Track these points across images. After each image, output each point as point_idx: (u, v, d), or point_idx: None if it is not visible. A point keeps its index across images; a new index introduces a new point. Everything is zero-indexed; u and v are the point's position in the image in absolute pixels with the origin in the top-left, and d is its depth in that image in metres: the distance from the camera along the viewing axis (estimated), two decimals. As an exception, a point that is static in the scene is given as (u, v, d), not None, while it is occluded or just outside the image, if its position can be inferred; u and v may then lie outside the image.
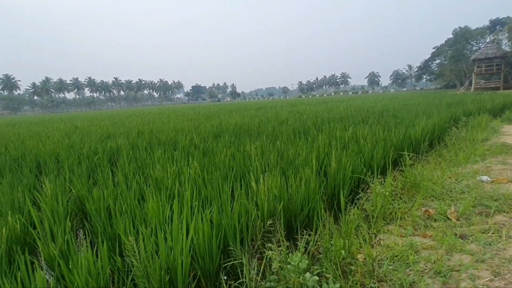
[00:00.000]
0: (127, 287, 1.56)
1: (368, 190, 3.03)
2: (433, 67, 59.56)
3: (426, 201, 2.97)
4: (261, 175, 2.90)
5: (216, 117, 12.48)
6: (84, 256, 1.46)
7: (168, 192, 2.65)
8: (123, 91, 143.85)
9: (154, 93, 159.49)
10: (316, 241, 2.11)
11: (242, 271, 1.73)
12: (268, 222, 2.07)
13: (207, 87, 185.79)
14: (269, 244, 1.74)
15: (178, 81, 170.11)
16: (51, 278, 1.93)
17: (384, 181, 3.00)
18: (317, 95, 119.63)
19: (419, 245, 2.16)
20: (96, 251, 1.71)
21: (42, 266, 1.93)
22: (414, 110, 9.65)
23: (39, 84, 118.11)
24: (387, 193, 2.66)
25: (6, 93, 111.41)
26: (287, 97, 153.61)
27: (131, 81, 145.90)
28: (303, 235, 2.14)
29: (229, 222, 1.88)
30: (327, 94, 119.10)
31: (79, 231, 2.91)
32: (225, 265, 1.83)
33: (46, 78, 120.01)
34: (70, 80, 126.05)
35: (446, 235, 2.28)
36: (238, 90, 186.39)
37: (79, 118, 23.29)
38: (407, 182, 3.26)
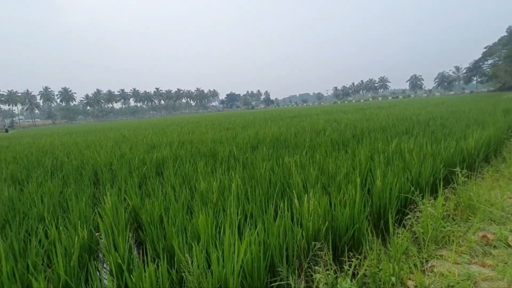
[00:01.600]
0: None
1: (416, 209, 2.88)
2: (484, 68, 54.57)
3: (484, 225, 2.74)
4: (303, 192, 2.92)
5: (252, 127, 12.70)
6: (149, 270, 1.61)
7: (214, 206, 2.78)
8: (163, 100, 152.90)
9: (191, 102, 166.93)
10: (362, 264, 2.07)
11: (288, 291, 1.76)
12: (313, 243, 2.09)
13: (241, 95, 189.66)
14: (316, 267, 1.76)
15: (214, 89, 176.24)
16: (114, 282, 2.13)
17: (435, 201, 2.84)
18: (353, 101, 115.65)
19: (477, 276, 2.01)
20: (155, 263, 1.87)
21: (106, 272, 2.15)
22: (464, 118, 8.91)
23: (91, 96, 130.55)
24: (438, 215, 2.51)
25: (63, 104, 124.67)
26: (322, 103, 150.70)
27: (171, 90, 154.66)
28: (348, 257, 2.12)
29: (275, 242, 1.94)
30: (364, 100, 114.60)
31: (133, 239, 3.17)
32: (272, 284, 1.88)
33: (97, 90, 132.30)
34: (118, 92, 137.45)
35: (508, 266, 2.10)
36: (272, 97, 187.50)
37: (126, 127, 25.21)
38: (460, 203, 3.04)
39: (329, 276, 1.68)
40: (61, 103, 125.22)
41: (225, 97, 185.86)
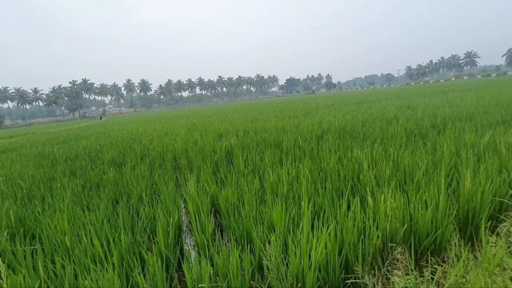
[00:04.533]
0: (265, 286, 1.86)
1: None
2: None
3: None
4: (377, 189, 2.83)
5: (315, 114, 12.43)
6: (235, 254, 1.83)
7: (285, 198, 2.92)
8: (225, 87, 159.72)
9: (252, 88, 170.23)
10: (447, 271, 1.95)
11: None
12: (390, 244, 2.04)
13: (301, 79, 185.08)
14: (395, 270, 1.74)
15: (274, 75, 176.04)
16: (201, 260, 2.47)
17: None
18: (431, 81, 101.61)
19: None
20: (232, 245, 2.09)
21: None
22: None
23: (163, 86, 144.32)
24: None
25: (142, 94, 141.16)
26: (392, 85, 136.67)
27: (232, 78, 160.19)
28: (429, 262, 2.01)
29: (350, 240, 1.96)
30: (444, 80, 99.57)
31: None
32: (346, 282, 1.93)
33: (169, 80, 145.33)
34: (185, 81, 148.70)
35: None
36: (334, 80, 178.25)
37: (194, 115, 27.34)
38: None
39: (409, 281, 1.65)
40: (140, 93, 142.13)
41: (285, 82, 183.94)
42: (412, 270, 1.70)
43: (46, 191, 4.36)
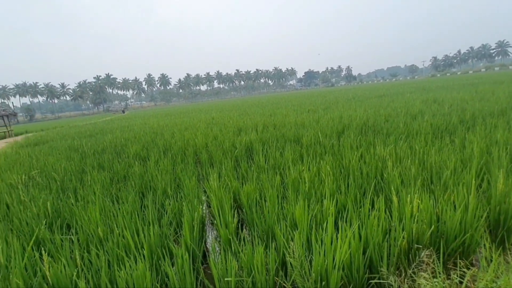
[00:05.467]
0: (288, 284, 1.91)
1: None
2: None
3: None
4: (401, 188, 2.77)
5: (335, 108, 12.20)
6: (260, 250, 1.88)
7: (307, 196, 2.92)
8: (243, 81, 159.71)
9: (269, 81, 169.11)
10: (475, 275, 1.90)
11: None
12: (415, 246, 2.01)
13: (320, 72, 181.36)
14: (422, 273, 1.72)
15: (292, 68, 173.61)
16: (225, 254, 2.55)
17: None
18: (458, 73, 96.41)
19: None
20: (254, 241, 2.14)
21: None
22: None
23: (182, 80, 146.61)
24: None
25: (162, 88, 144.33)
26: (416, 77, 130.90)
27: (250, 71, 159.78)
28: (457, 266, 1.97)
29: (375, 241, 1.95)
30: (473, 71, 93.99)
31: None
32: (370, 281, 1.93)
33: (187, 74, 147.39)
34: (204, 75, 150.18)
35: None
36: (354, 73, 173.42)
37: (212, 108, 27.65)
38: None
39: (436, 284, 1.62)
40: (160, 87, 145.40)
41: (303, 75, 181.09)
42: (440, 273, 1.67)
43: (77, 183, 4.62)
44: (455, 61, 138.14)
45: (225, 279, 1.85)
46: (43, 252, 2.06)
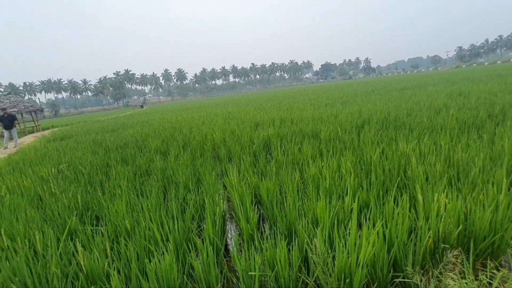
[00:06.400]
0: (311, 280, 1.93)
1: None
2: None
3: None
4: (426, 186, 2.70)
5: (353, 102, 11.94)
6: (283, 246, 1.91)
7: (327, 192, 2.91)
8: (258, 74, 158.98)
9: (285, 75, 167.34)
10: (505, 277, 1.84)
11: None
12: (442, 245, 1.97)
13: (337, 64, 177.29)
14: (449, 273, 1.68)
15: (308, 60, 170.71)
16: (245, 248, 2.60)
17: None
18: (485, 63, 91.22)
19: None
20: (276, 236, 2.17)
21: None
22: None
23: (198, 74, 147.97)
24: None
25: (178, 83, 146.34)
26: (439, 68, 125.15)
27: (265, 65, 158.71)
28: (487, 267, 1.91)
29: (400, 240, 1.93)
30: (502, 61, 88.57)
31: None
32: (394, 280, 1.91)
33: (203, 69, 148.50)
34: (219, 69, 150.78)
35: None
36: (373, 64, 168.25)
37: (228, 103, 27.77)
38: None
39: (465, 284, 1.59)
40: (177, 82, 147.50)
41: (320, 68, 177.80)
42: (468, 273, 1.64)
43: (103, 176, 4.82)
44: (482, 50, 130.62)
45: (249, 273, 1.89)
46: (77, 242, 2.19)
